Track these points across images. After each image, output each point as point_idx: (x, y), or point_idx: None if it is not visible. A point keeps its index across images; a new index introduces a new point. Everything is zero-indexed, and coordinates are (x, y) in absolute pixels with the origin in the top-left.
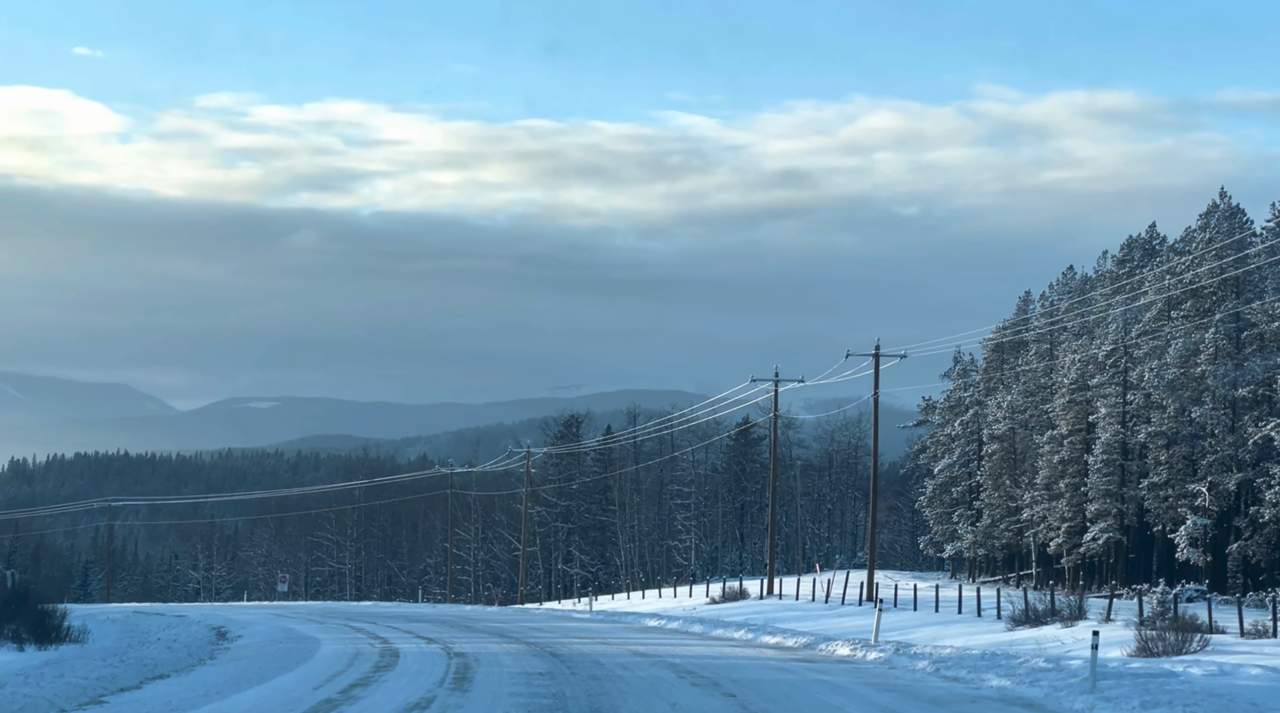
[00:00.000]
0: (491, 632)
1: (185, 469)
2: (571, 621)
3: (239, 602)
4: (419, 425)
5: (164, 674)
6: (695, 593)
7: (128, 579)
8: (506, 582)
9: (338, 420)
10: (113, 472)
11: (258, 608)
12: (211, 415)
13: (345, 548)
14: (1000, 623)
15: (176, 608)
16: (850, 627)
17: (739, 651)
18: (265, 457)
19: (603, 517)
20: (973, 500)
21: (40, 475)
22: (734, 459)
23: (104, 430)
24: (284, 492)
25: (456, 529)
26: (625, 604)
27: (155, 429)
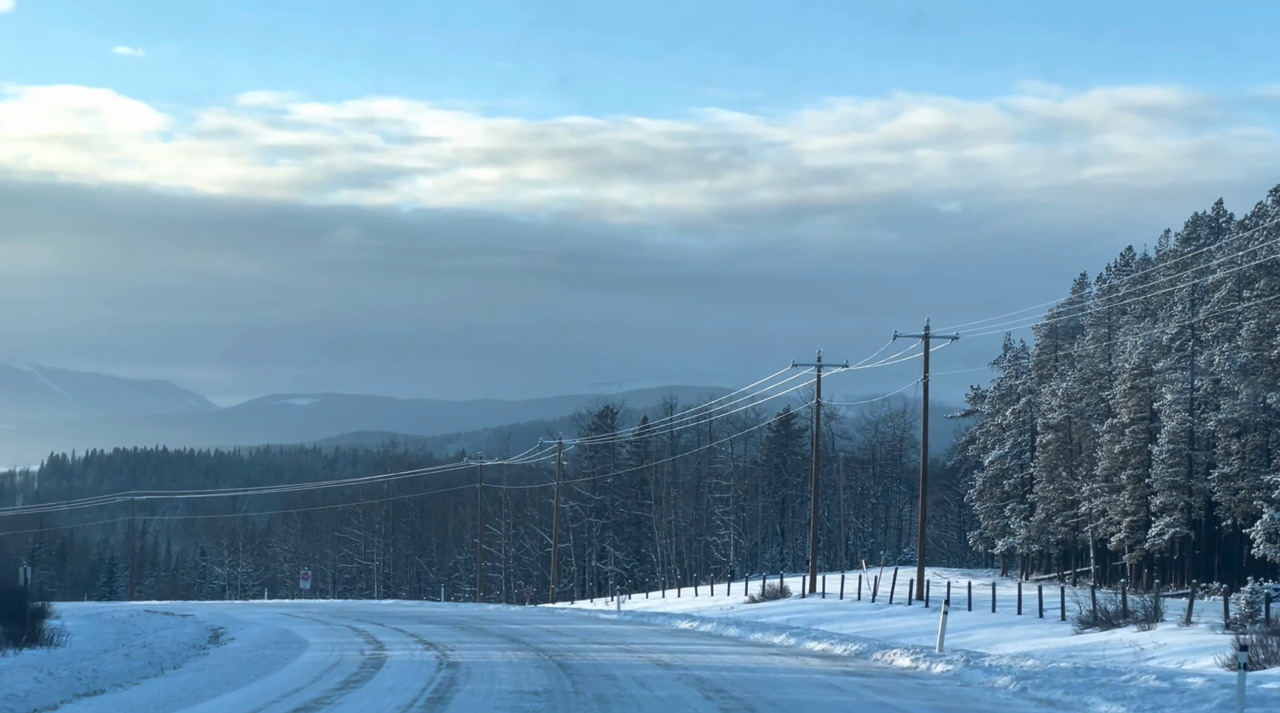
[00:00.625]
0: (503, 635)
1: (223, 465)
2: (596, 622)
3: (260, 600)
4: (459, 422)
5: (100, 689)
6: (734, 591)
7: (155, 576)
8: (538, 579)
9: (378, 417)
10: (151, 468)
11: (271, 607)
12: (252, 412)
13: (373, 544)
14: (1066, 625)
15: (189, 607)
16: (901, 629)
17: (779, 660)
18: (303, 453)
19: (638, 511)
20: (1025, 494)
21: (79, 471)
22: (774, 451)
23: (145, 427)
24: (310, 486)
25: (487, 525)
26: (658, 603)
27: (196, 426)
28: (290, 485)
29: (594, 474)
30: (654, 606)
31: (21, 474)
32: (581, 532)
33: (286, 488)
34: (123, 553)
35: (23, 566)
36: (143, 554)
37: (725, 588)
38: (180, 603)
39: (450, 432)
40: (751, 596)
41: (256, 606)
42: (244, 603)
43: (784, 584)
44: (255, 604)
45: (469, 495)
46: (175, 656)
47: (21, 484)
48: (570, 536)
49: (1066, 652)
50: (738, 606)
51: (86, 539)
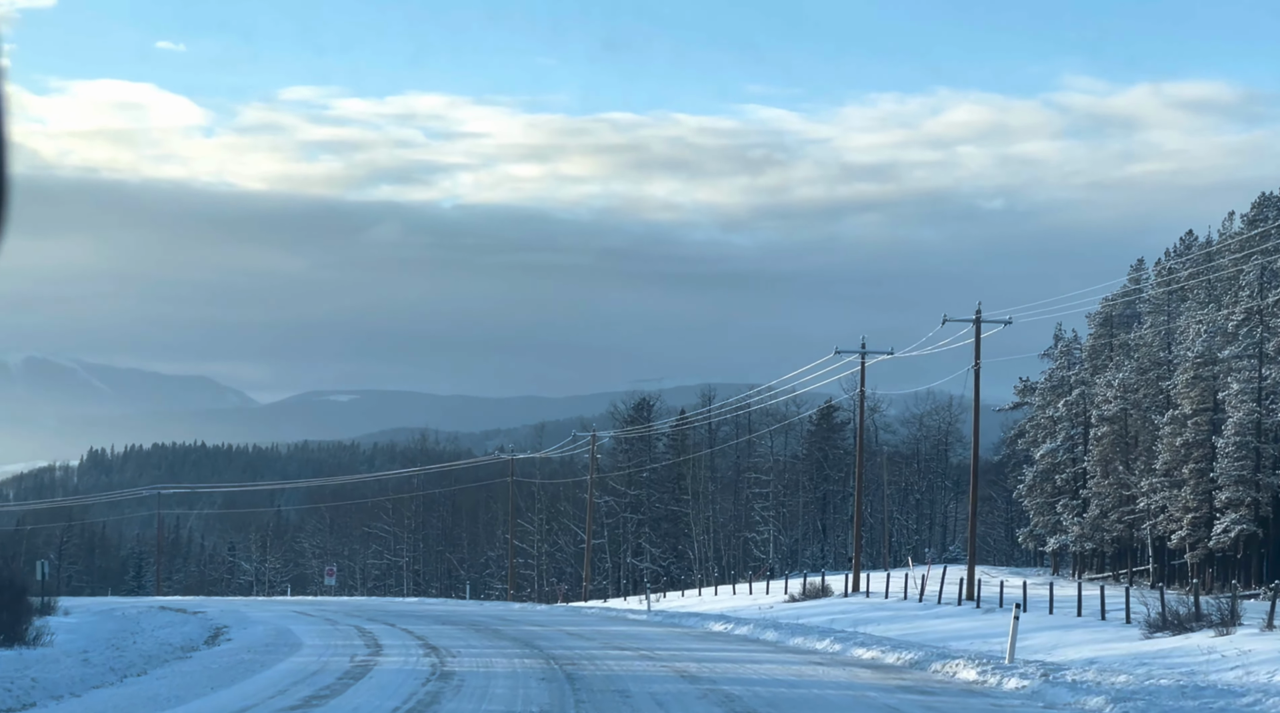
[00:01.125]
0: (517, 639)
1: (261, 461)
2: (623, 623)
3: (283, 596)
4: (499, 419)
5: (30, 703)
6: (773, 590)
7: (184, 571)
8: (571, 576)
9: (418, 414)
10: (189, 463)
11: (288, 605)
12: (292, 408)
13: (403, 540)
14: (1132, 629)
15: (206, 603)
16: (953, 632)
17: (824, 671)
18: (341, 449)
19: (675, 507)
20: (1079, 489)
21: (118, 466)
22: (815, 445)
23: (186, 423)
24: (338, 480)
25: (519, 520)
26: (693, 602)
27: (236, 421)
28: (318, 479)
29: (630, 469)
30: (688, 604)
31: (61, 469)
32: (616, 528)
33: (315, 482)
34: (152, 548)
35: (40, 560)
36: (172, 549)
37: (764, 586)
38: (199, 599)
39: (490, 428)
40: (791, 594)
41: (274, 603)
42: (263, 600)
43: (825, 583)
44: (274, 601)
45: (501, 490)
46: (153, 659)
47: (61, 478)
48: (605, 532)
49: (1138, 659)
50: (777, 605)
51: (121, 533)
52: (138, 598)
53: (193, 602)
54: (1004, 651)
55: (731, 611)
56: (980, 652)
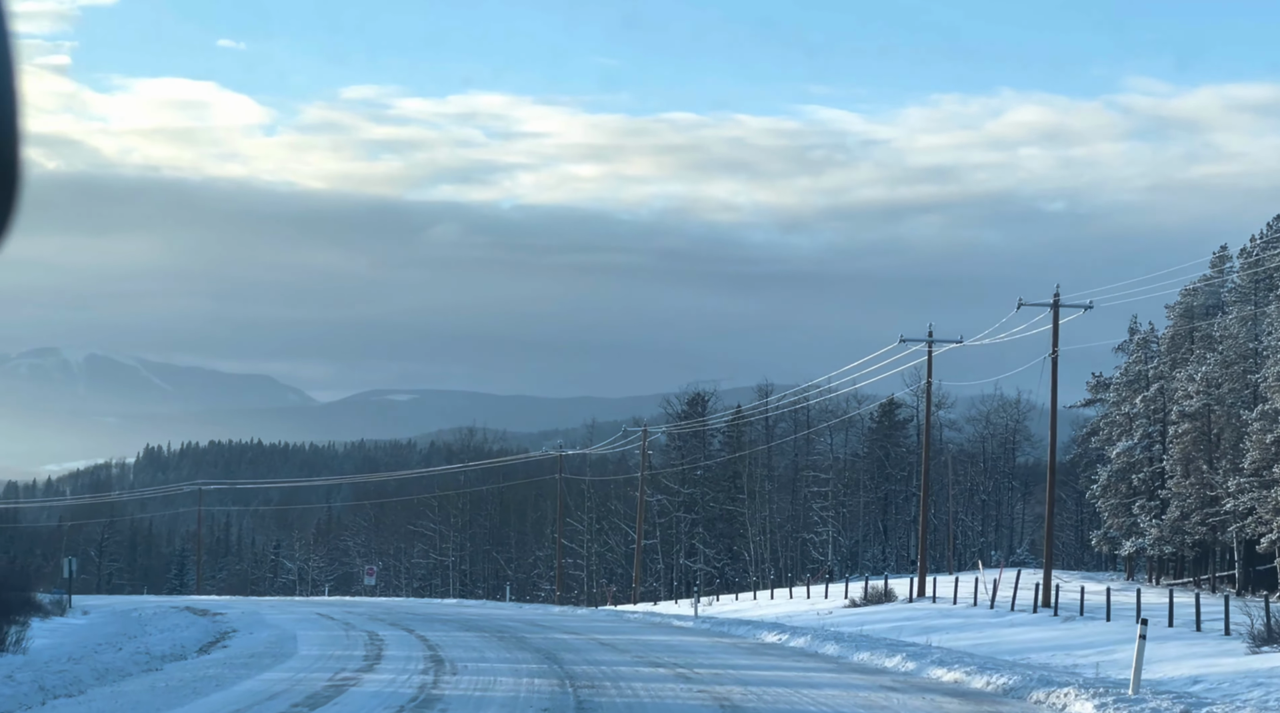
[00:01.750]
0: (541, 650)
1: (318, 459)
2: (666, 631)
3: (321, 596)
4: (557, 419)
5: None
6: (832, 594)
7: (229, 570)
8: (622, 578)
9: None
10: (245, 461)
11: (316, 606)
12: (352, 407)
13: (449, 539)
14: (1234, 642)
15: (231, 603)
16: (1032, 642)
17: (899, 700)
18: (398, 447)
19: (730, 506)
20: (1157, 490)
21: (174, 464)
22: (876, 443)
23: (246, 421)
24: (383, 476)
25: (568, 519)
26: (746, 607)
27: (296, 420)
28: (361, 476)
29: (683, 466)
30: (741, 609)
31: (117, 466)
32: (669, 527)
33: (357, 478)
34: (194, 544)
35: (69, 557)
36: (218, 547)
37: (823, 590)
38: (229, 600)
39: (548, 429)
40: (852, 599)
41: (304, 604)
42: (296, 601)
43: (889, 587)
44: (306, 602)
45: (550, 488)
46: (111, 674)
47: (117, 476)
48: (657, 531)
49: (1250, 678)
50: (836, 611)
51: (171, 530)
52: (170, 598)
53: (221, 602)
54: (1095, 664)
55: (787, 617)
56: (1089, 676)
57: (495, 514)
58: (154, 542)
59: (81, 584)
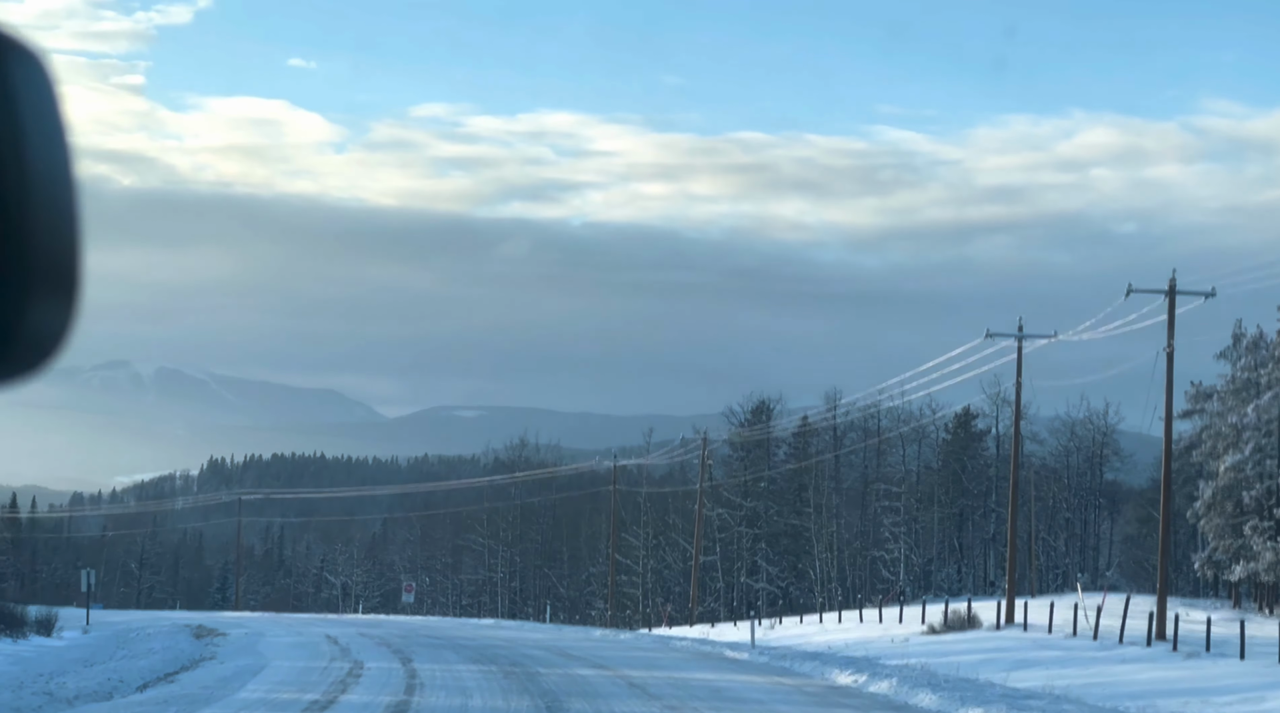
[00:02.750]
0: (546, 694)
1: (380, 473)
2: (713, 666)
3: (354, 614)
4: (623, 436)
5: None
6: (907, 618)
7: (273, 584)
8: (679, 597)
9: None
10: (308, 474)
11: (334, 625)
12: (418, 423)
13: (498, 554)
14: None
15: (244, 622)
16: (1153, 683)
17: None
18: (461, 462)
19: (795, 521)
20: (1272, 508)
21: (237, 476)
22: (952, 455)
23: (313, 435)
24: (429, 486)
25: (623, 534)
26: (811, 631)
27: (362, 435)
28: (408, 485)
29: (746, 478)
30: (806, 634)
31: (181, 477)
32: (730, 543)
33: (403, 488)
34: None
35: (87, 569)
36: (263, 561)
37: (897, 614)
38: (254, 617)
39: (615, 445)
40: (931, 625)
41: (321, 623)
42: (315, 619)
43: (973, 612)
44: (325, 621)
45: (604, 502)
46: None
47: (181, 487)
48: (717, 548)
49: None
50: (914, 638)
51: (217, 543)
52: (198, 614)
53: (237, 621)
54: None
55: (861, 645)
56: None
57: (547, 529)
58: (199, 555)
59: (120, 598)
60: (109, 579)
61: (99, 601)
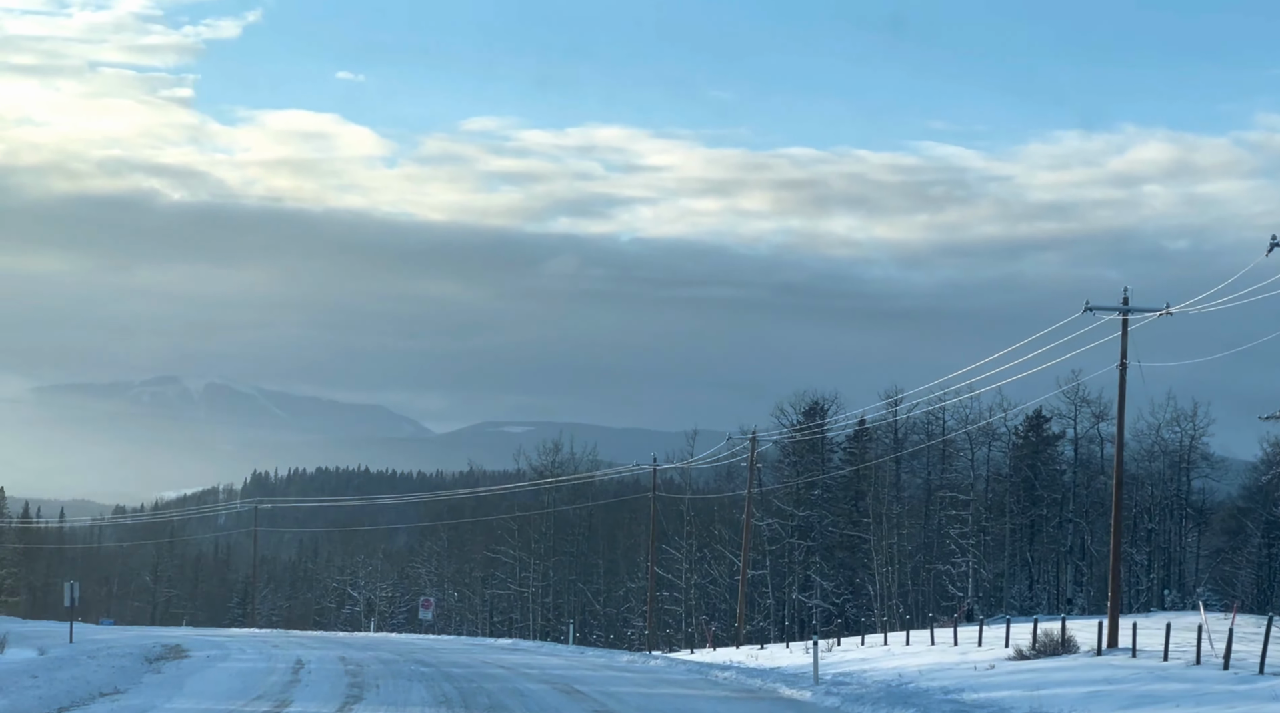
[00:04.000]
0: None
1: (424, 487)
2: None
3: (364, 633)
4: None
5: None
6: (986, 639)
7: (296, 599)
8: (725, 614)
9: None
10: (352, 488)
11: (318, 646)
12: (467, 438)
13: (530, 567)
14: None
15: (227, 641)
16: None
17: None
18: (507, 476)
19: (851, 532)
20: None
21: (280, 489)
22: (1023, 460)
23: (361, 450)
24: (457, 493)
25: (664, 545)
26: (877, 654)
27: (411, 450)
28: (434, 493)
29: (798, 485)
30: (871, 660)
31: (225, 491)
32: (780, 555)
33: (427, 495)
34: (260, 572)
35: (70, 583)
36: (284, 574)
37: (974, 635)
38: (257, 633)
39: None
40: (1018, 649)
41: (309, 643)
42: (309, 638)
43: (1067, 633)
44: (318, 640)
45: (644, 510)
46: None
47: (224, 501)
48: (766, 560)
49: None
50: (999, 663)
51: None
52: (194, 631)
53: (225, 639)
54: None
55: (936, 671)
56: None
57: (582, 540)
58: (224, 568)
59: (134, 613)
60: (123, 593)
61: (110, 615)
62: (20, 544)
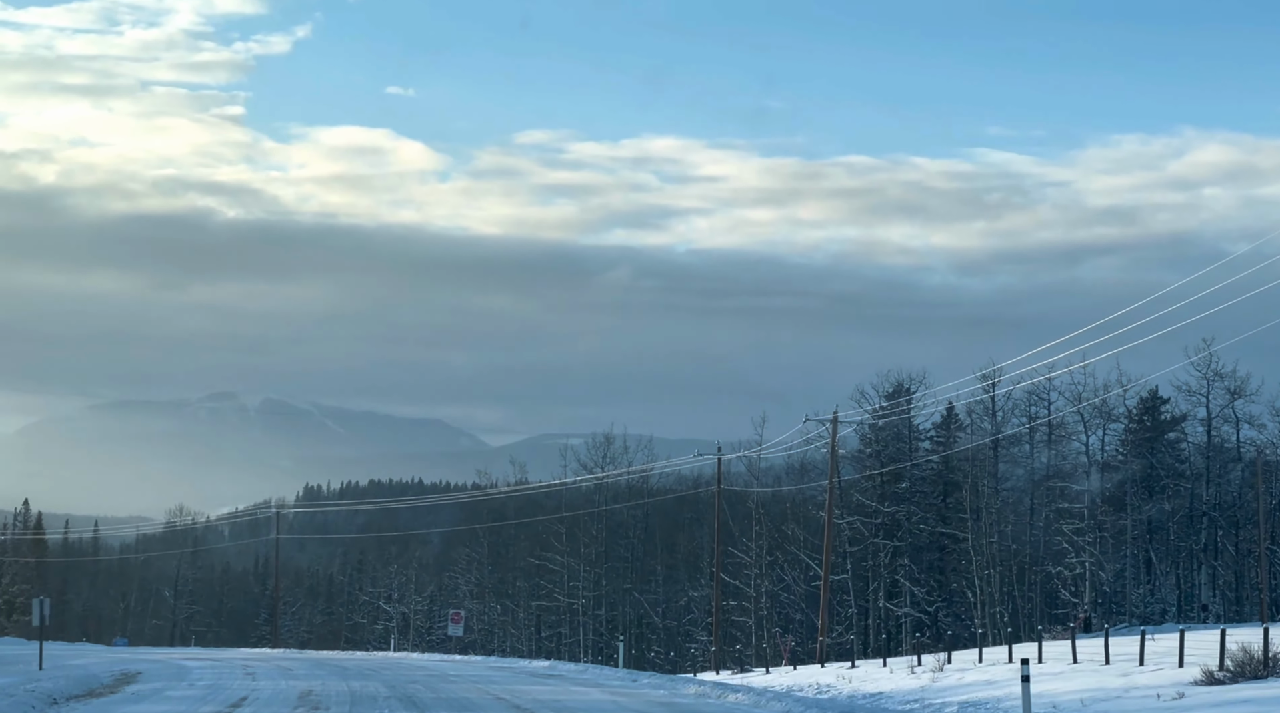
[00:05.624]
0: None
1: (484, 506)
2: None
3: (382, 652)
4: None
5: None
6: (1149, 656)
7: (328, 614)
8: (800, 626)
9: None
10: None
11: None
12: (524, 451)
13: (580, 575)
14: None
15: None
16: None
17: None
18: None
19: (944, 529)
20: None
21: (333, 502)
22: (1138, 446)
23: (418, 464)
24: (497, 492)
25: (731, 549)
26: (1005, 677)
27: (468, 464)
28: (473, 493)
29: (881, 477)
30: (999, 683)
31: (277, 505)
32: (863, 558)
33: (467, 496)
34: (290, 587)
35: (40, 598)
36: (317, 588)
37: (1128, 652)
38: (255, 656)
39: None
40: (1205, 671)
41: (302, 667)
42: (308, 658)
43: (1270, 652)
44: (310, 664)
45: (706, 510)
46: None
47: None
48: (847, 564)
49: None
50: (1188, 691)
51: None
52: (189, 651)
53: (192, 664)
54: None
55: (1102, 699)
56: None
57: (637, 544)
58: (245, 582)
59: (153, 632)
60: (141, 610)
61: (124, 634)
62: (32, 558)
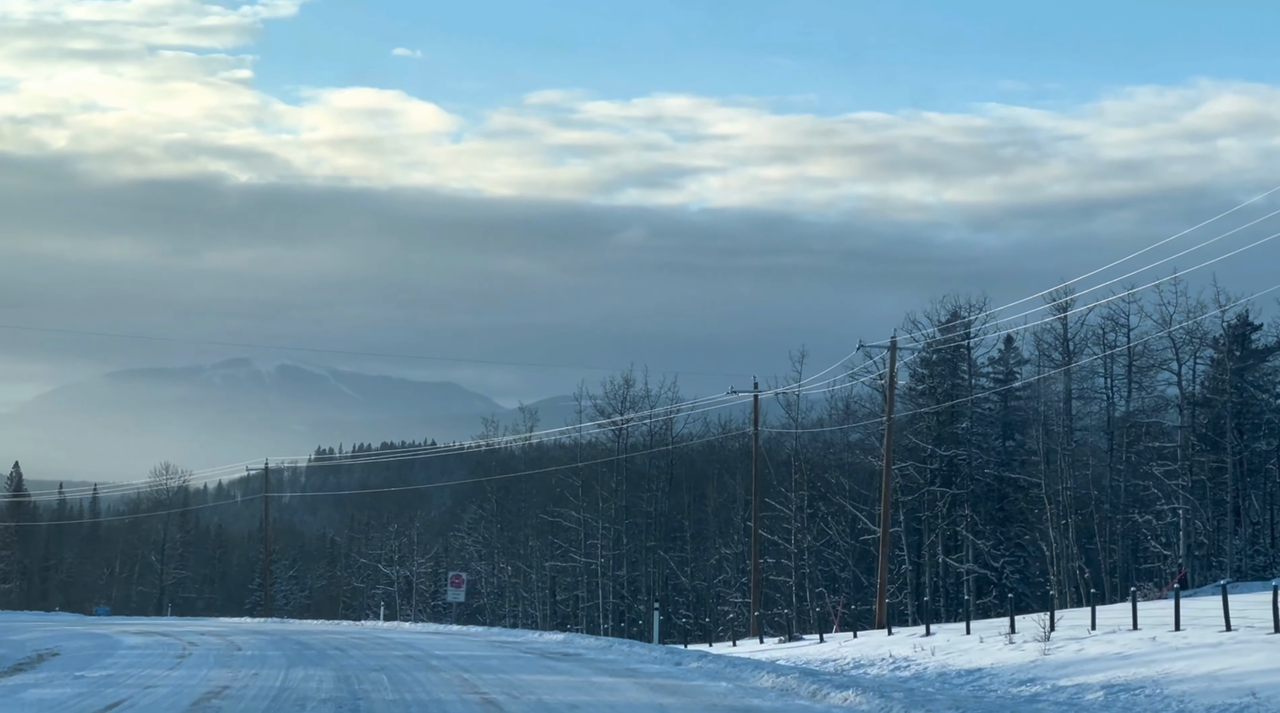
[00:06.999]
0: None
1: (492, 460)
2: None
3: (373, 622)
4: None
5: None
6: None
7: (327, 578)
8: (848, 585)
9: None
10: (418, 463)
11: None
12: (539, 413)
13: (598, 533)
14: None
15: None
16: None
17: None
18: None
19: (1010, 474)
20: None
21: (345, 467)
22: (1223, 380)
23: (432, 428)
24: (505, 439)
25: (768, 499)
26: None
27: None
28: (479, 439)
29: (938, 416)
30: (1142, 659)
31: (289, 468)
32: (918, 508)
33: (474, 444)
34: (280, 550)
35: None
36: (314, 551)
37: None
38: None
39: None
40: None
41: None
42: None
43: None
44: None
45: (739, 458)
46: None
47: (289, 479)
48: (900, 514)
49: None
50: None
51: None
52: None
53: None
54: None
55: None
56: None
57: (662, 496)
58: (235, 546)
59: (139, 599)
60: (128, 577)
61: (107, 603)
62: (13, 522)
